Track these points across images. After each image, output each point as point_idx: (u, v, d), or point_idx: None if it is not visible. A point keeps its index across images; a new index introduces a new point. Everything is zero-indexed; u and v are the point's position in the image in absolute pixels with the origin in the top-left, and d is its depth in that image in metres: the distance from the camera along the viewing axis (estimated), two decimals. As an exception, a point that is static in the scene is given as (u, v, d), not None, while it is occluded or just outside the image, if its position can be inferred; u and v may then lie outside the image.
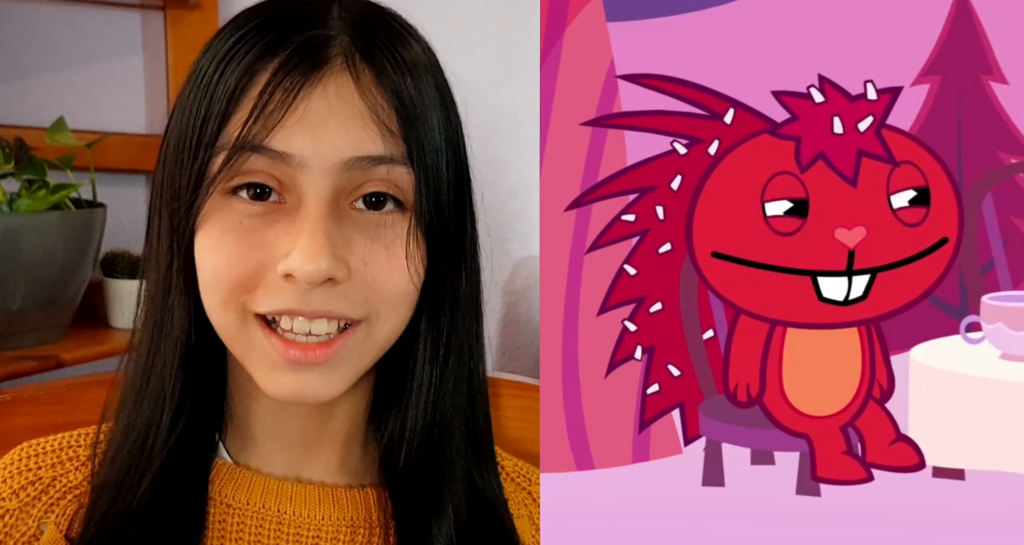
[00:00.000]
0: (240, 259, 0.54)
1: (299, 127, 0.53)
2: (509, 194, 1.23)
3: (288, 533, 0.60)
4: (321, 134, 0.53)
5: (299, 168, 0.53)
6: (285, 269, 0.53)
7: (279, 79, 0.53)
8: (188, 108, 0.56)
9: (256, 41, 0.55)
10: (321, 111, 0.53)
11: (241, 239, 0.54)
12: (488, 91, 1.20)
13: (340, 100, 0.54)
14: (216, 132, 0.54)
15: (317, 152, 0.53)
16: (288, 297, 0.54)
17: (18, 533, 0.60)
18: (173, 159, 0.56)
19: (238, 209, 0.55)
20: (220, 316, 0.56)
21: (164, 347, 0.59)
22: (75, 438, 0.64)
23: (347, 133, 0.54)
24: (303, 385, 0.56)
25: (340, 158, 0.54)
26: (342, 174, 0.54)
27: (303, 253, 0.52)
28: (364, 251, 0.55)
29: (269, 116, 0.53)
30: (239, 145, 0.53)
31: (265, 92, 0.53)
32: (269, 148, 0.53)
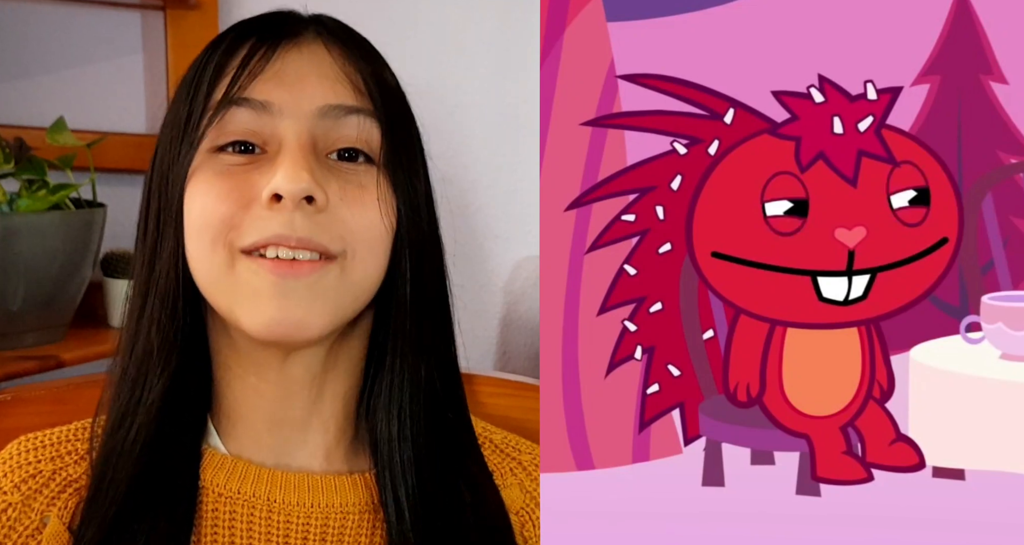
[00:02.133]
0: (227, 196, 0.58)
1: (277, 79, 0.60)
2: (509, 194, 1.23)
3: (278, 521, 0.61)
4: (298, 86, 0.60)
5: (278, 116, 0.59)
6: (271, 189, 0.57)
7: (258, 45, 0.61)
8: (179, 94, 0.63)
9: (236, 32, 0.63)
10: (297, 68, 0.61)
11: (227, 181, 0.59)
12: (488, 91, 1.20)
13: (313, 60, 0.61)
14: (205, 100, 0.60)
15: (293, 100, 0.59)
16: (275, 223, 0.57)
17: (21, 526, 0.60)
18: (168, 136, 0.62)
19: (225, 160, 0.60)
20: (209, 257, 0.59)
21: (152, 306, 0.62)
22: (73, 432, 0.64)
23: (320, 86, 0.60)
24: (286, 310, 0.58)
25: (315, 105, 0.60)
26: (317, 121, 0.60)
27: (286, 173, 0.57)
28: (339, 189, 0.59)
29: (250, 73, 0.60)
30: (224, 101, 0.59)
31: (245, 57, 0.60)
32: (250, 98, 0.59)
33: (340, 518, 0.62)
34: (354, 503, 0.62)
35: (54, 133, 1.03)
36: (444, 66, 1.04)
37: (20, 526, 0.60)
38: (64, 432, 0.64)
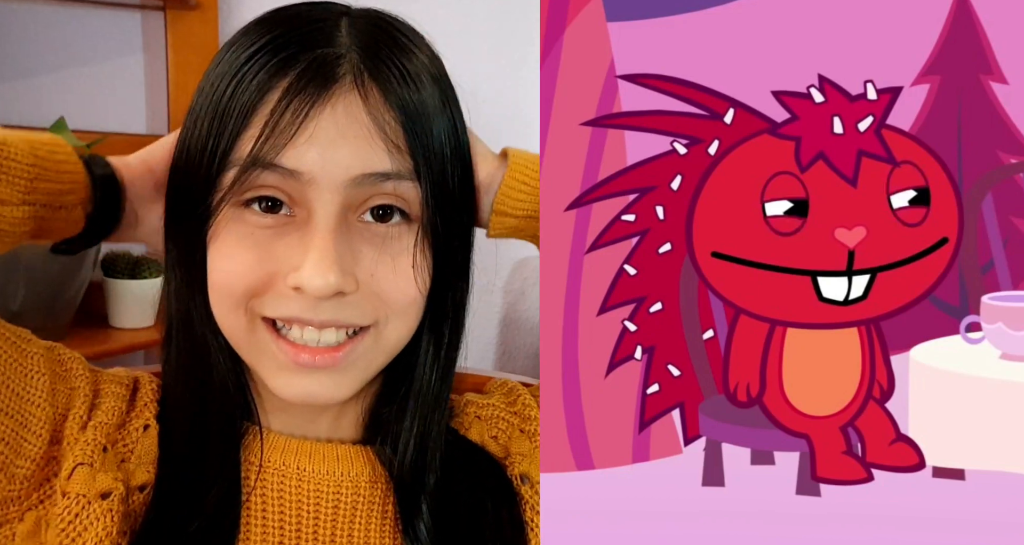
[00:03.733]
0: (251, 268, 0.56)
1: (309, 145, 0.55)
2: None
3: (308, 489, 0.62)
4: (330, 153, 0.55)
5: (309, 185, 0.55)
6: (295, 283, 0.55)
7: (290, 98, 0.55)
8: (200, 121, 0.58)
9: (268, 59, 0.56)
10: (330, 130, 0.55)
11: (252, 249, 0.56)
12: (488, 91, 1.20)
13: (348, 119, 0.56)
14: (228, 147, 0.56)
15: (326, 170, 0.55)
16: (297, 306, 0.56)
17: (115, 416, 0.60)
18: (185, 170, 0.58)
19: (250, 221, 0.57)
20: (228, 319, 0.58)
21: (195, 338, 0.61)
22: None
23: (355, 151, 0.56)
24: (312, 387, 0.59)
25: (348, 175, 0.55)
26: (350, 190, 0.56)
27: (313, 268, 0.54)
28: (371, 263, 0.57)
29: (280, 134, 0.54)
30: (251, 162, 0.55)
31: (276, 111, 0.55)
32: (280, 166, 0.55)
33: (369, 487, 0.63)
34: (380, 473, 0.64)
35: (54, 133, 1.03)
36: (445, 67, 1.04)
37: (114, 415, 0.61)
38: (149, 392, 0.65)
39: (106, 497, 0.56)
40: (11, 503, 0.56)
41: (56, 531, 0.55)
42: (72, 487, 0.56)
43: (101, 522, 0.55)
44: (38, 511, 0.56)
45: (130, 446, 0.60)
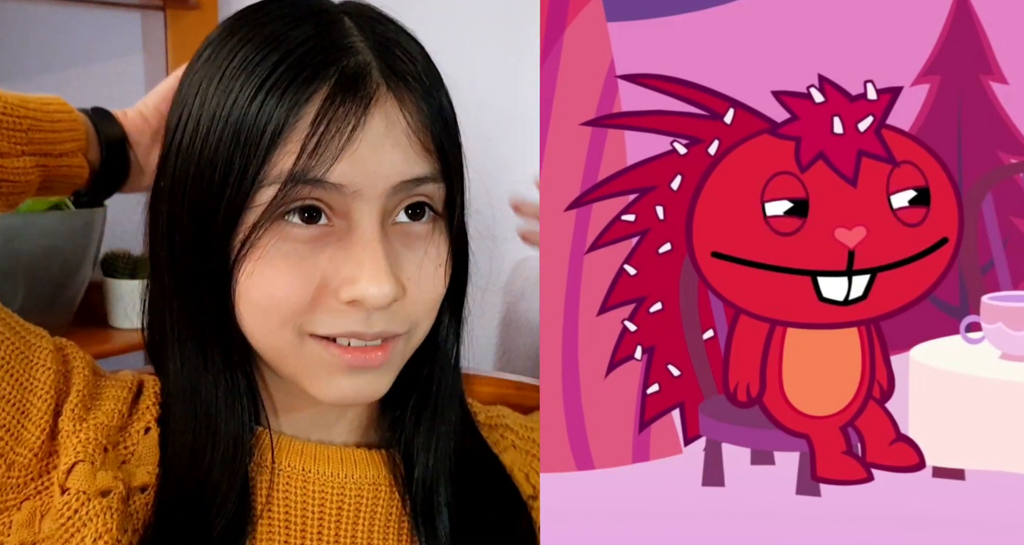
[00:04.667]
0: (298, 287, 0.56)
1: (353, 159, 0.55)
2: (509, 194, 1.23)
3: (313, 491, 0.62)
4: (374, 164, 0.55)
5: (352, 196, 0.55)
6: (351, 296, 0.55)
7: (331, 112, 0.54)
8: (216, 136, 0.56)
9: (291, 72, 0.55)
10: (372, 142, 0.55)
11: (296, 266, 0.56)
12: (488, 91, 1.20)
13: (388, 128, 0.56)
14: (260, 165, 0.54)
15: (370, 181, 0.55)
16: (351, 320, 0.57)
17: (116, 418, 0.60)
18: (200, 186, 0.56)
19: (289, 235, 0.56)
20: (273, 337, 0.58)
21: (211, 362, 0.60)
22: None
23: (396, 160, 0.56)
24: (359, 387, 0.59)
25: (390, 184, 0.56)
26: (390, 197, 0.57)
27: (369, 280, 0.55)
28: (411, 266, 0.58)
29: (324, 151, 0.54)
30: (294, 178, 0.54)
31: (317, 126, 0.54)
32: (327, 181, 0.54)
33: (373, 491, 0.64)
34: (385, 476, 0.65)
35: (54, 133, 1.03)
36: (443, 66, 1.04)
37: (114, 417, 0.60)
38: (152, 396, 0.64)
39: (106, 495, 0.56)
40: (9, 490, 0.56)
41: (55, 526, 0.55)
42: (72, 483, 0.56)
43: (100, 519, 0.55)
44: (34, 502, 0.57)
45: (131, 448, 0.60)
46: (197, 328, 0.60)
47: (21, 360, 0.58)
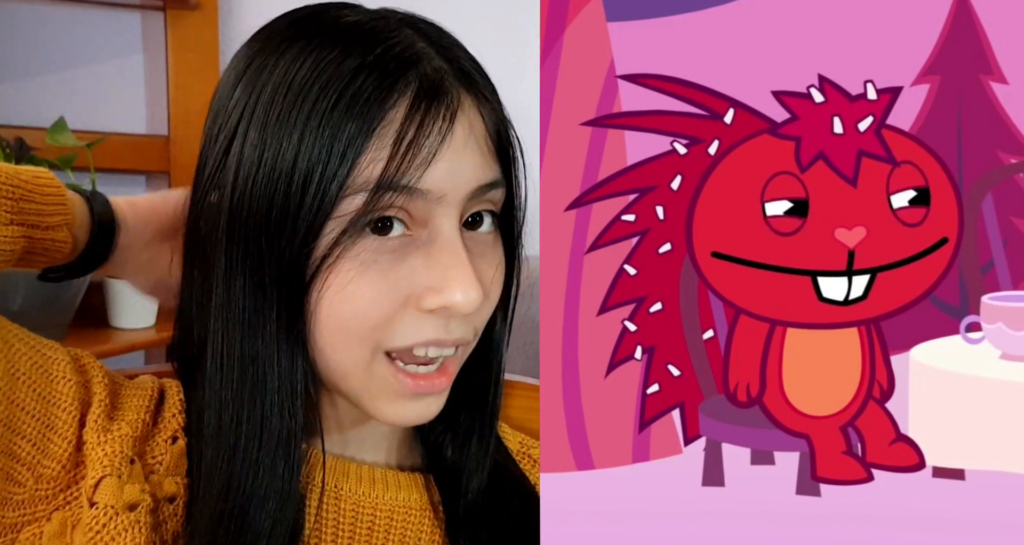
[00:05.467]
0: (384, 299, 0.55)
1: (442, 165, 0.55)
2: (509, 194, 1.23)
3: (345, 509, 0.62)
4: (457, 169, 0.55)
5: (436, 203, 0.55)
6: (440, 303, 0.55)
7: (418, 119, 0.54)
8: (287, 142, 0.54)
9: (368, 76, 0.54)
10: (457, 147, 0.56)
11: (380, 279, 0.55)
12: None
13: (470, 132, 0.57)
14: (345, 173, 0.53)
15: (454, 186, 0.55)
16: (431, 328, 0.56)
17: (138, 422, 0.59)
18: (273, 199, 0.54)
19: (369, 246, 0.55)
20: (346, 355, 0.57)
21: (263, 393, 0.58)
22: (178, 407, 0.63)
23: (476, 165, 0.57)
24: (422, 411, 0.60)
25: (469, 189, 0.57)
26: (467, 203, 0.57)
27: (460, 286, 0.54)
28: (489, 273, 0.59)
29: (416, 157, 0.53)
30: (383, 185, 0.53)
31: (405, 132, 0.53)
32: (417, 188, 0.54)
33: (403, 514, 0.63)
34: (416, 499, 0.64)
35: (55, 133, 1.03)
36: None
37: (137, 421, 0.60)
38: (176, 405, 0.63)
39: (133, 509, 0.55)
40: (39, 502, 0.56)
41: (84, 540, 0.55)
42: (100, 497, 0.55)
43: (129, 533, 0.55)
44: (64, 512, 0.56)
45: (158, 458, 0.59)
46: (253, 345, 0.57)
47: (41, 374, 0.57)
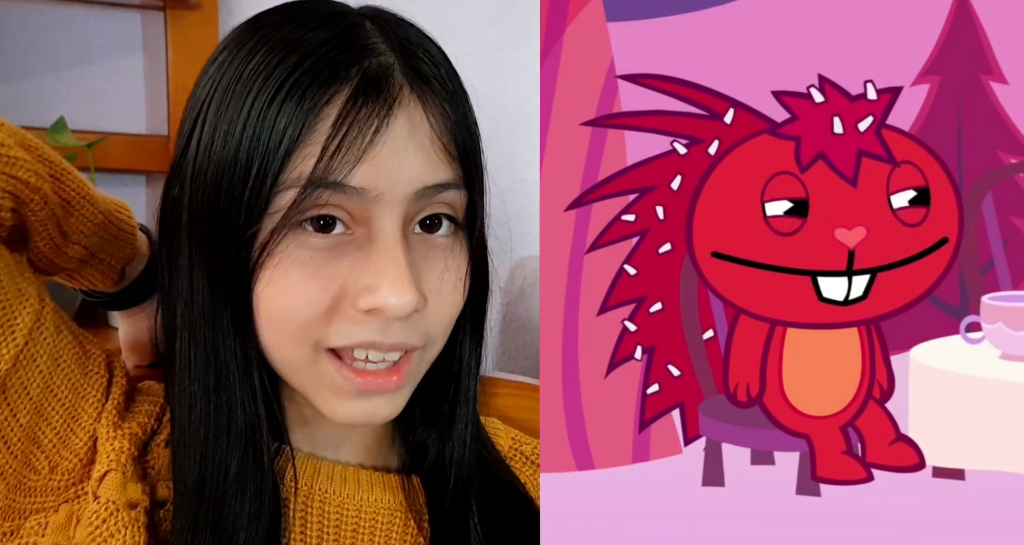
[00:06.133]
0: (316, 296, 0.54)
1: (375, 162, 0.53)
2: (509, 194, 1.23)
3: (329, 511, 0.62)
4: (397, 169, 0.54)
5: (374, 202, 0.54)
6: (370, 305, 0.53)
7: (354, 114, 0.53)
8: (231, 137, 0.54)
9: (312, 73, 0.53)
10: (396, 146, 0.54)
11: (314, 276, 0.54)
12: (488, 91, 1.20)
13: (412, 131, 0.54)
14: (279, 168, 0.53)
15: (392, 186, 0.54)
16: (368, 330, 0.55)
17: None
18: (217, 191, 0.55)
19: (307, 243, 0.54)
20: (288, 350, 0.56)
21: (227, 386, 0.58)
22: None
23: (419, 164, 0.55)
24: (371, 410, 0.58)
25: (412, 189, 0.54)
26: (412, 204, 0.55)
27: (393, 288, 0.53)
28: (431, 277, 0.57)
29: (347, 154, 0.52)
30: (315, 182, 0.52)
31: (339, 128, 0.52)
32: (348, 185, 0.53)
33: (388, 514, 0.63)
34: (400, 501, 0.64)
35: (54, 133, 1.03)
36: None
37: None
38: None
39: (134, 507, 0.56)
40: (50, 492, 0.56)
41: (85, 533, 0.55)
42: (103, 492, 0.55)
43: (129, 531, 0.55)
44: (72, 506, 0.56)
45: (151, 462, 0.60)
46: (213, 338, 0.57)
47: (80, 367, 0.57)
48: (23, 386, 0.54)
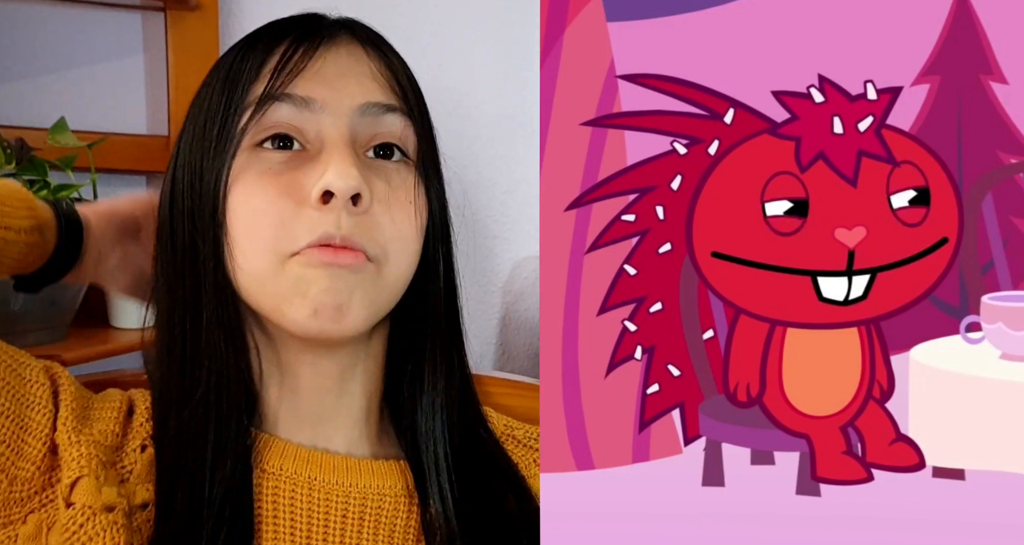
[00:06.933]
0: (276, 198, 0.59)
1: (318, 77, 0.61)
2: (509, 194, 1.23)
3: (318, 498, 0.62)
4: (339, 84, 0.61)
5: (320, 112, 0.60)
6: (322, 186, 0.58)
7: (296, 45, 0.62)
8: (210, 92, 0.63)
9: (267, 32, 0.63)
10: (337, 66, 0.62)
11: (274, 183, 0.59)
12: (488, 91, 1.20)
13: (351, 59, 0.63)
14: (241, 97, 0.61)
15: (335, 98, 0.61)
16: (323, 223, 0.59)
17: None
18: (199, 132, 0.62)
19: (266, 158, 0.60)
20: (258, 260, 0.59)
21: (201, 306, 0.61)
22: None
23: (360, 84, 0.62)
24: (333, 295, 0.60)
25: (356, 103, 0.61)
26: (358, 119, 0.61)
27: (337, 170, 0.58)
28: (383, 188, 0.61)
29: (291, 70, 0.60)
30: (265, 97, 0.60)
31: (284, 55, 0.61)
32: (293, 94, 0.60)
33: (377, 500, 0.63)
34: (390, 486, 0.64)
35: (55, 134, 1.03)
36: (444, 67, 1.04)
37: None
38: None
39: (111, 511, 0.56)
40: (14, 504, 0.56)
41: (61, 540, 0.55)
42: (77, 498, 0.56)
43: (108, 533, 0.55)
44: (40, 514, 0.57)
45: (128, 467, 0.60)
46: (193, 296, 0.61)
47: (15, 376, 0.58)
48: None
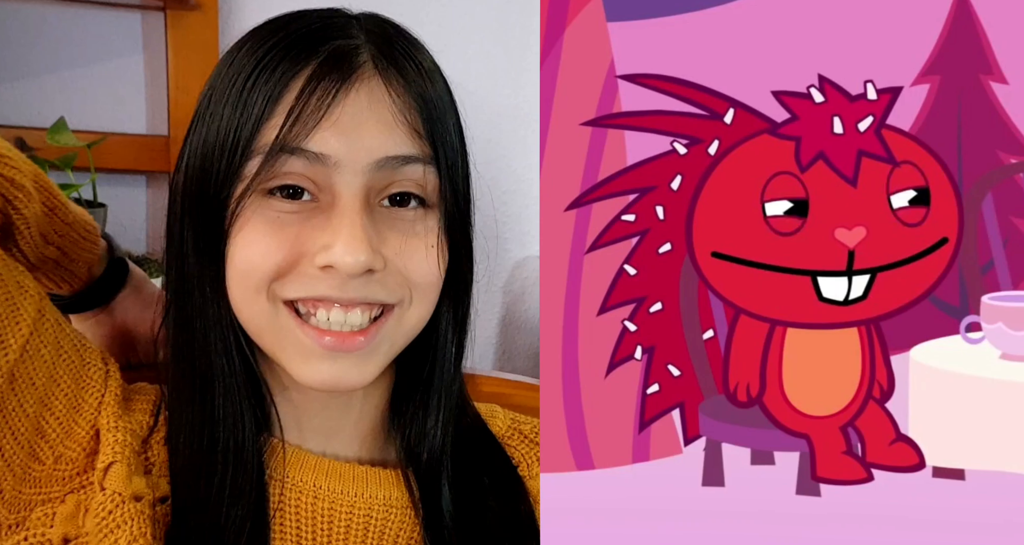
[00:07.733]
0: (276, 249, 0.57)
1: (334, 130, 0.56)
2: (509, 194, 1.23)
3: (323, 507, 0.62)
4: (355, 136, 0.56)
5: (334, 168, 0.56)
6: (325, 261, 0.56)
7: (314, 85, 0.56)
8: (218, 116, 0.58)
9: (286, 52, 0.57)
10: (355, 114, 0.56)
11: (277, 232, 0.57)
12: (488, 91, 1.20)
13: (372, 103, 0.57)
14: (250, 137, 0.56)
15: (351, 153, 0.56)
16: (324, 285, 0.57)
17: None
18: (202, 165, 0.58)
19: (274, 207, 0.57)
20: (251, 305, 0.58)
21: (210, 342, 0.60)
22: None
23: (379, 135, 0.57)
24: (338, 373, 0.59)
25: (373, 158, 0.57)
26: (374, 173, 0.57)
27: (344, 245, 0.55)
28: (397, 242, 0.58)
29: (306, 120, 0.55)
30: (277, 147, 0.55)
31: (301, 97, 0.56)
32: (306, 150, 0.56)
33: (383, 512, 0.63)
34: (397, 498, 0.64)
35: (55, 133, 1.03)
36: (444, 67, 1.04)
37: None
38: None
39: (139, 500, 0.56)
40: (55, 482, 0.57)
41: (93, 524, 0.56)
42: (109, 483, 0.56)
43: (136, 522, 0.55)
44: (79, 496, 0.57)
45: (152, 459, 0.60)
46: (201, 317, 0.60)
47: (79, 357, 0.59)
48: (29, 377, 0.55)
